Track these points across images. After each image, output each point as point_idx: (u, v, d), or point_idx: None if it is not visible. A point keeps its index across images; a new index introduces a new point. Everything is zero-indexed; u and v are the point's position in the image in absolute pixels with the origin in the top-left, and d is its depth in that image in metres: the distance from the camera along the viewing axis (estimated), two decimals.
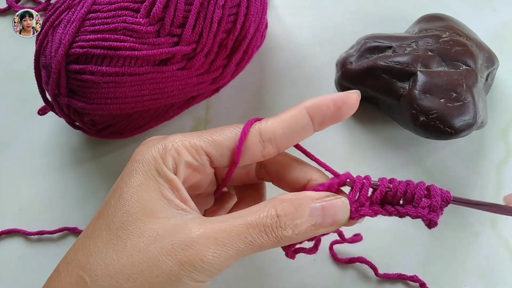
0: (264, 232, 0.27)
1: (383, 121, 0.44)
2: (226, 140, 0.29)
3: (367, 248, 0.41)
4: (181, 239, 0.26)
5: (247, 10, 0.39)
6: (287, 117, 0.29)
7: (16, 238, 0.43)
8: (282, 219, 0.27)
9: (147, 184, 0.28)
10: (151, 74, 0.37)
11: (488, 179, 0.42)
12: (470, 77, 0.39)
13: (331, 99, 0.29)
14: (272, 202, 0.28)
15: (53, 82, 0.36)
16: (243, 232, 0.27)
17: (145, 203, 0.27)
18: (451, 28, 0.42)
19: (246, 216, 0.27)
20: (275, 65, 0.47)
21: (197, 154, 0.29)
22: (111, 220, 0.27)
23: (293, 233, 0.28)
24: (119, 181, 0.29)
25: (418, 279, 0.39)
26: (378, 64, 0.41)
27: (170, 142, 0.29)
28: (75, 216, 0.43)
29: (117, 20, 0.36)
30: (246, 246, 0.27)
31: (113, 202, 0.28)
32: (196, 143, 0.29)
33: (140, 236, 0.26)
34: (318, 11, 0.48)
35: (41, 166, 0.44)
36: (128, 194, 0.28)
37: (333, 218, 0.29)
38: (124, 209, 0.27)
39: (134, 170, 0.29)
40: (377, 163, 0.43)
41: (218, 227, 0.27)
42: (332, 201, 0.29)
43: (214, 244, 0.26)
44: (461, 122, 0.38)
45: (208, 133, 0.30)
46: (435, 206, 0.29)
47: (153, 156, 0.28)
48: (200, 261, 0.26)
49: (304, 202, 0.28)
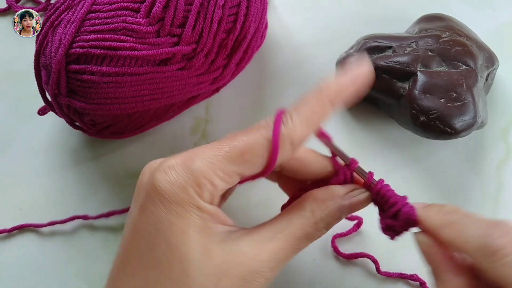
0: (307, 239, 0.30)
1: (383, 121, 0.44)
2: (257, 157, 0.27)
3: (367, 249, 0.41)
4: (250, 270, 0.27)
5: (247, 10, 0.39)
6: (313, 116, 0.28)
7: (27, 233, 0.43)
8: (320, 224, 0.30)
9: (192, 227, 0.26)
10: (151, 74, 0.37)
11: (488, 179, 0.42)
12: (470, 77, 0.39)
13: (350, 80, 0.29)
14: (307, 206, 0.30)
15: (53, 82, 0.36)
16: (292, 245, 0.29)
17: (197, 244, 0.26)
18: (451, 28, 0.42)
19: (289, 227, 0.29)
20: (275, 65, 0.47)
21: (230, 179, 0.27)
22: (169, 270, 0.26)
23: (326, 232, 0.30)
24: (155, 226, 0.26)
25: (418, 278, 0.39)
26: (378, 64, 0.41)
27: (200, 175, 0.26)
28: None
29: (117, 20, 0.36)
30: (294, 253, 0.29)
31: (160, 251, 0.26)
32: (228, 169, 0.27)
33: (206, 276, 0.26)
34: (318, 11, 0.48)
35: (41, 166, 0.44)
36: (178, 242, 0.26)
37: (356, 210, 0.31)
38: (181, 257, 0.26)
39: (172, 212, 0.26)
40: (377, 163, 0.43)
41: (272, 248, 0.28)
42: (359, 197, 0.31)
43: (274, 264, 0.28)
44: (461, 122, 0.38)
45: (235, 150, 0.27)
46: (398, 230, 0.31)
47: (190, 196, 0.26)
48: (266, 280, 0.28)
49: (335, 203, 0.30)
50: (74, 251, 0.42)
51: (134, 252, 0.27)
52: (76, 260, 0.42)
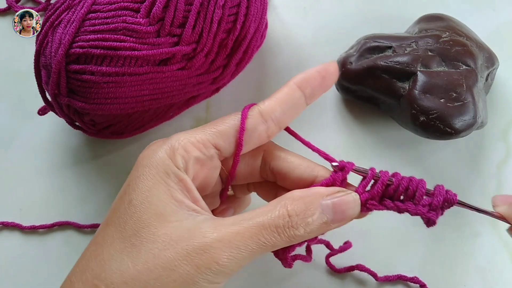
0: (276, 233, 0.27)
1: (383, 121, 0.44)
2: (230, 128, 0.30)
3: (367, 249, 0.41)
4: (196, 244, 0.26)
5: (247, 10, 0.39)
6: (281, 95, 0.31)
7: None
8: (293, 219, 0.27)
9: (156, 188, 0.28)
10: (151, 74, 0.37)
11: (488, 179, 0.42)
12: (470, 77, 0.39)
13: (316, 71, 0.31)
14: (282, 201, 0.28)
15: (53, 82, 0.36)
16: (256, 234, 0.27)
17: (156, 208, 0.27)
18: (451, 28, 0.42)
19: (258, 217, 0.27)
20: (275, 65, 0.47)
21: (204, 148, 0.29)
22: (123, 227, 0.27)
23: (305, 232, 0.28)
24: (126, 188, 0.29)
25: (418, 281, 0.39)
26: (378, 64, 0.41)
27: (176, 141, 0.29)
28: (75, 216, 0.43)
29: (117, 20, 0.36)
30: (259, 247, 0.27)
31: (122, 209, 0.28)
32: (202, 137, 0.29)
33: (153, 242, 0.26)
34: (318, 11, 0.48)
35: (41, 166, 0.44)
36: (138, 201, 0.28)
37: (344, 214, 0.29)
38: (135, 216, 0.27)
39: (142, 175, 0.28)
40: (377, 163, 0.43)
41: (232, 230, 0.27)
42: (343, 197, 0.29)
43: (228, 247, 0.26)
44: (461, 122, 0.38)
45: (210, 125, 0.30)
46: (435, 205, 0.29)
47: (160, 158, 0.28)
48: (216, 264, 0.26)
49: (315, 200, 0.28)
50: (74, 251, 0.42)
51: (109, 214, 0.29)
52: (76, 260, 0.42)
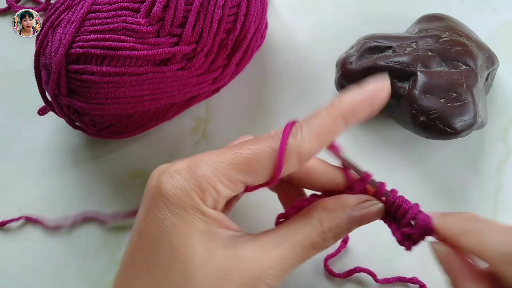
0: (314, 249, 0.29)
1: (383, 121, 0.44)
2: (262, 167, 0.27)
3: (365, 250, 0.41)
4: (251, 275, 0.27)
5: (247, 10, 0.39)
6: (324, 132, 0.27)
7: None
8: (327, 235, 0.29)
9: (196, 232, 0.27)
10: (151, 74, 0.37)
11: (488, 179, 0.42)
12: (470, 77, 0.39)
13: (367, 96, 0.27)
14: (315, 216, 0.29)
15: (53, 82, 0.36)
16: (298, 254, 0.28)
17: (200, 248, 0.26)
18: (451, 28, 0.42)
19: (296, 235, 0.28)
20: (275, 65, 0.47)
21: (235, 186, 0.27)
22: (171, 273, 0.26)
23: (333, 243, 0.29)
24: (158, 229, 0.27)
25: (418, 281, 0.39)
26: (378, 64, 0.41)
27: (204, 181, 0.27)
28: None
29: (117, 20, 0.36)
30: (299, 263, 0.28)
31: (163, 252, 0.26)
32: (232, 176, 0.27)
33: (206, 280, 0.26)
34: (318, 11, 0.48)
35: (41, 166, 0.44)
36: (181, 244, 0.26)
37: (367, 222, 0.30)
38: (182, 259, 0.26)
39: (176, 216, 0.26)
40: (377, 163, 0.43)
41: (277, 255, 0.27)
42: (371, 209, 0.30)
43: (278, 271, 0.27)
44: (461, 122, 0.38)
45: (241, 158, 0.27)
46: (415, 239, 0.30)
47: (193, 202, 0.27)
48: (266, 286, 0.27)
49: (345, 212, 0.29)
50: (74, 251, 0.42)
51: (138, 254, 0.27)
52: (76, 260, 0.42)
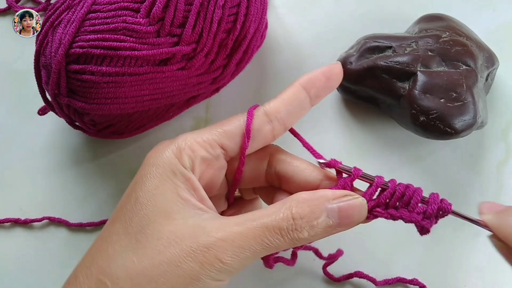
0: (280, 235, 0.27)
1: (383, 121, 0.44)
2: (236, 128, 0.30)
3: (365, 252, 0.41)
4: (200, 242, 0.27)
5: (247, 10, 0.39)
6: (286, 95, 0.31)
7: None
8: (298, 222, 0.27)
9: (163, 187, 0.28)
10: (151, 74, 0.37)
11: (488, 179, 0.42)
12: (470, 77, 0.39)
13: (320, 72, 0.32)
14: (288, 203, 0.28)
15: (53, 82, 0.36)
16: (259, 235, 0.27)
17: (161, 206, 0.28)
18: (451, 28, 0.42)
19: (262, 218, 0.27)
20: (275, 65, 0.47)
21: (211, 148, 0.30)
22: (129, 224, 0.28)
23: (309, 235, 0.28)
24: (133, 186, 0.29)
25: (418, 282, 0.39)
26: (378, 64, 0.41)
27: (182, 141, 0.30)
28: (75, 216, 0.43)
29: (117, 20, 0.36)
30: (262, 247, 0.27)
31: (129, 206, 0.28)
32: (208, 137, 0.30)
33: (159, 239, 0.27)
34: (318, 11, 0.48)
35: (41, 166, 0.44)
36: (144, 198, 0.28)
37: (349, 218, 0.29)
38: (141, 213, 0.28)
39: (149, 173, 0.29)
40: (377, 163, 0.43)
41: (235, 231, 0.27)
42: (350, 202, 0.29)
43: (231, 247, 0.27)
44: (461, 122, 0.38)
45: (216, 126, 0.31)
46: (430, 214, 0.29)
47: (167, 158, 0.29)
48: (219, 262, 0.26)
49: (321, 203, 0.28)
50: (74, 251, 0.42)
51: (115, 211, 0.30)
52: (76, 260, 0.42)
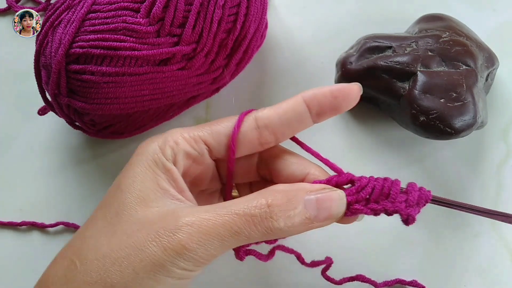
0: (252, 223, 0.26)
1: (383, 121, 0.44)
2: (223, 129, 0.31)
3: (365, 252, 0.41)
4: (166, 226, 0.26)
5: (247, 10, 0.39)
6: (283, 105, 0.31)
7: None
8: (273, 210, 0.26)
9: (144, 175, 0.29)
10: (151, 74, 0.37)
11: (488, 179, 0.42)
12: (470, 77, 0.39)
13: (329, 89, 0.30)
14: (263, 193, 0.28)
15: (53, 82, 0.36)
16: (228, 222, 0.26)
17: (139, 193, 0.28)
18: (451, 28, 0.42)
19: (234, 205, 0.27)
20: (275, 65, 0.47)
21: (195, 143, 0.30)
22: (108, 209, 0.28)
23: (285, 225, 0.27)
24: (119, 174, 0.30)
25: (417, 284, 0.39)
26: (378, 64, 0.41)
27: (169, 135, 0.30)
28: (75, 216, 0.43)
29: (117, 20, 0.36)
30: (231, 235, 0.26)
31: (111, 192, 0.29)
32: (194, 133, 0.30)
33: (131, 223, 0.27)
34: (318, 11, 0.48)
35: (41, 166, 0.44)
36: (125, 185, 0.29)
37: (328, 211, 0.28)
38: (120, 198, 0.28)
39: (134, 162, 0.30)
40: (377, 163, 0.43)
41: (203, 216, 0.26)
42: (328, 194, 0.28)
43: (197, 233, 0.26)
44: (461, 122, 0.38)
45: (206, 124, 0.31)
46: (411, 201, 0.28)
47: (152, 149, 0.30)
48: (183, 248, 0.26)
49: (298, 194, 0.27)
50: None
51: (103, 196, 0.30)
52: None
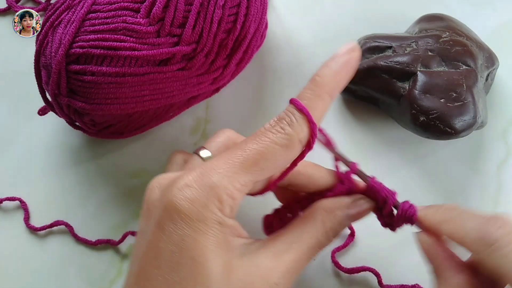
0: (319, 248, 0.30)
1: (383, 121, 0.44)
2: (271, 162, 0.28)
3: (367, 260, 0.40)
4: (270, 282, 0.28)
5: (247, 10, 0.39)
6: (315, 113, 0.29)
7: None
8: (329, 233, 0.31)
9: (217, 245, 0.26)
10: (151, 75, 0.37)
11: (488, 179, 0.42)
12: (470, 77, 0.39)
13: (344, 70, 0.30)
14: (319, 217, 0.31)
15: (53, 82, 0.36)
16: (307, 256, 0.30)
17: (220, 262, 0.26)
18: (451, 28, 0.42)
19: (305, 238, 0.30)
20: (275, 65, 0.47)
21: (247, 189, 0.28)
22: (193, 285, 0.26)
23: (334, 240, 0.31)
24: (183, 246, 0.26)
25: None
26: (378, 64, 0.41)
27: (219, 189, 0.26)
28: (75, 216, 0.43)
29: (117, 20, 0.36)
30: (308, 262, 0.30)
31: (187, 267, 0.26)
32: (245, 179, 0.27)
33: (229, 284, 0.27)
34: (318, 11, 0.48)
35: (41, 166, 0.44)
36: (202, 258, 0.26)
37: (361, 217, 0.32)
38: (204, 272, 0.26)
39: (197, 231, 0.26)
40: (377, 163, 0.43)
41: (290, 260, 0.29)
42: (363, 207, 0.32)
43: (290, 273, 0.29)
44: (461, 122, 0.38)
45: (249, 159, 0.27)
46: (395, 225, 0.33)
47: (212, 214, 0.26)
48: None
49: (343, 212, 0.31)
50: (74, 251, 0.42)
51: (156, 271, 0.26)
52: (76, 260, 0.42)
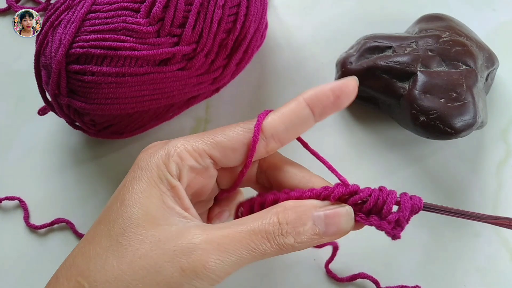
0: (266, 239, 0.27)
1: (383, 121, 0.44)
2: (228, 141, 0.29)
3: (366, 252, 0.40)
4: (183, 245, 0.26)
5: (247, 10, 0.39)
6: (287, 111, 0.30)
7: None
8: (284, 227, 0.27)
9: (149, 191, 0.28)
10: (151, 75, 0.37)
11: (488, 179, 0.42)
12: (470, 77, 0.39)
13: (329, 88, 0.29)
14: (274, 209, 0.28)
15: (53, 82, 0.36)
16: (245, 239, 0.26)
17: (147, 210, 0.27)
18: (451, 28, 0.42)
19: (249, 222, 0.27)
20: (275, 65, 0.47)
21: (200, 158, 0.29)
22: (112, 226, 0.27)
23: (295, 241, 0.27)
24: (121, 188, 0.29)
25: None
26: (378, 64, 0.41)
27: (172, 148, 0.29)
28: (75, 216, 0.43)
29: (117, 20, 0.36)
30: (248, 252, 0.26)
31: (114, 208, 0.28)
32: (198, 146, 0.29)
33: (141, 242, 0.26)
34: (318, 11, 0.48)
35: (41, 166, 0.44)
36: (130, 201, 0.27)
37: (336, 227, 0.28)
38: (125, 215, 0.27)
39: (137, 177, 0.28)
40: (377, 163, 0.43)
41: (221, 233, 0.26)
42: (336, 210, 0.28)
43: (216, 250, 0.26)
44: (461, 122, 0.38)
45: (209, 134, 0.30)
46: (401, 221, 0.28)
47: (156, 163, 0.28)
48: (202, 267, 0.25)
49: (307, 210, 0.28)
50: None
51: (102, 212, 0.29)
52: None
